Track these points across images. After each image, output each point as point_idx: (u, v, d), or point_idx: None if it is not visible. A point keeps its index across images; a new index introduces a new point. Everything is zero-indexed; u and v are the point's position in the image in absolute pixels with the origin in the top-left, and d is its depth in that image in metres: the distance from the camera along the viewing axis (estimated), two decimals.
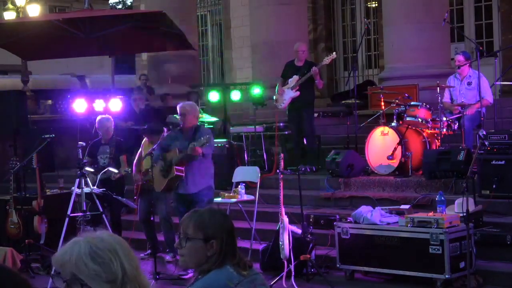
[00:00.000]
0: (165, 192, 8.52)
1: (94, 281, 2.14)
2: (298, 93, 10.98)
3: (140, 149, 9.38)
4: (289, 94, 11.07)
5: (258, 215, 9.10)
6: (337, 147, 10.82)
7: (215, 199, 9.01)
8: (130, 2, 26.59)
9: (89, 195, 8.97)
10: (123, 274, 2.17)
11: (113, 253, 2.18)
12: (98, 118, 10.16)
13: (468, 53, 10.55)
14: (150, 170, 8.73)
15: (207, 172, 8.25)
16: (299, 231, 8.02)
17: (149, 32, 10.96)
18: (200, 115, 10.27)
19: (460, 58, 9.92)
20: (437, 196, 7.83)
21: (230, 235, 3.08)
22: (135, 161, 9.41)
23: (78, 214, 9.16)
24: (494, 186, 8.33)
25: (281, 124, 11.96)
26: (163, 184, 8.30)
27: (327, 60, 11.20)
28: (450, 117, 9.67)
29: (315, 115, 11.92)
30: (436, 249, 7.10)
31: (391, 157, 9.65)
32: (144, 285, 2.25)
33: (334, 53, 11.57)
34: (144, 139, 9.44)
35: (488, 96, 9.78)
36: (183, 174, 8.12)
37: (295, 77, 11.04)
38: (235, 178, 9.64)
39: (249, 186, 9.48)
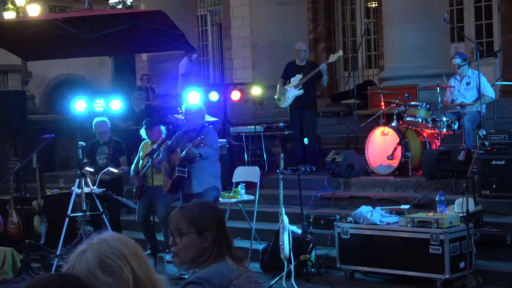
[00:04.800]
0: (171, 192, 8.55)
1: None
2: (302, 91, 10.96)
3: (138, 154, 9.38)
4: (293, 92, 11.03)
5: (258, 215, 9.10)
6: (337, 147, 10.82)
7: None
8: (130, 2, 26.55)
9: (89, 195, 8.97)
10: (134, 279, 2.17)
11: (121, 259, 2.17)
12: (94, 120, 10.19)
13: (464, 54, 10.56)
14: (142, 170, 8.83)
15: (211, 172, 8.25)
16: (299, 231, 8.02)
17: (149, 32, 10.96)
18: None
19: (456, 62, 9.96)
20: (437, 196, 7.82)
21: (221, 225, 3.13)
22: (133, 165, 9.39)
23: (78, 214, 9.17)
24: (494, 186, 8.33)
25: (281, 124, 11.96)
26: (168, 185, 8.35)
27: (333, 57, 11.16)
28: (450, 117, 9.67)
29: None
30: (436, 249, 7.10)
31: (391, 157, 9.65)
32: (156, 280, 2.25)
33: (340, 51, 11.55)
34: (143, 142, 9.44)
35: (490, 92, 9.78)
36: (185, 175, 8.14)
37: (298, 76, 11.01)
38: (235, 178, 9.64)
39: (249, 186, 9.48)
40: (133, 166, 9.38)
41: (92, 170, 9.45)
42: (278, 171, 8.09)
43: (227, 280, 2.98)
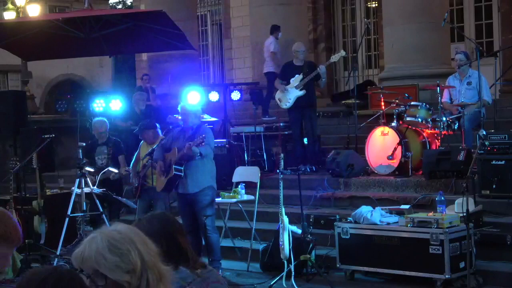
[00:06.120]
0: (165, 191, 8.51)
1: (114, 273, 2.18)
2: (303, 92, 10.92)
3: (138, 151, 9.37)
4: (294, 93, 10.97)
5: (258, 215, 9.09)
6: (337, 147, 10.82)
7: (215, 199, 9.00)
8: (130, 2, 26.59)
9: (89, 195, 8.97)
10: (142, 263, 2.21)
11: (130, 243, 2.23)
12: (93, 120, 10.18)
13: (467, 53, 10.56)
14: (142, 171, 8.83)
15: (208, 172, 8.20)
16: (299, 231, 8.02)
17: (149, 32, 10.96)
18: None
19: (460, 57, 9.92)
20: (437, 196, 7.82)
21: (171, 238, 3.11)
22: (132, 163, 9.38)
23: (78, 214, 9.16)
24: (494, 186, 8.33)
25: (281, 124, 11.96)
26: (162, 184, 8.29)
27: (335, 57, 11.14)
28: (450, 117, 9.67)
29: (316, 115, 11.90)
30: (436, 249, 7.10)
31: (391, 157, 9.65)
32: (163, 271, 2.28)
33: (342, 50, 11.52)
34: (142, 142, 9.44)
35: (487, 96, 9.78)
36: (182, 174, 8.10)
37: (298, 77, 10.98)
38: (235, 178, 9.63)
39: (249, 186, 9.48)
40: (132, 164, 9.35)
41: (92, 170, 9.45)
42: (278, 171, 8.09)
43: (178, 286, 2.98)
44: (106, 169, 9.52)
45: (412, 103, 9.97)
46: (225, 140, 11.55)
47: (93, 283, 2.20)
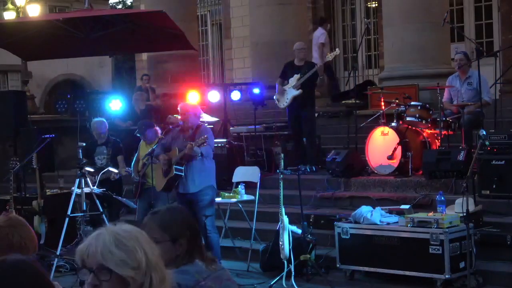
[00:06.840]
0: (165, 191, 8.51)
1: (120, 268, 2.20)
2: (300, 91, 10.93)
3: (138, 151, 9.37)
4: (291, 93, 11.00)
5: (258, 215, 9.10)
6: (337, 147, 10.82)
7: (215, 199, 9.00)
8: (130, 2, 26.59)
9: (89, 195, 8.97)
10: (147, 262, 2.23)
11: (136, 241, 2.25)
12: (92, 121, 10.18)
13: (467, 53, 10.55)
14: (142, 169, 8.83)
15: (208, 171, 8.20)
16: (299, 231, 8.02)
17: (149, 32, 10.96)
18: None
19: (460, 57, 9.92)
20: (437, 196, 7.83)
21: (194, 231, 3.11)
22: (133, 163, 9.38)
23: (78, 214, 9.16)
24: (494, 186, 8.33)
25: (281, 124, 11.96)
26: (162, 184, 8.29)
27: (330, 56, 11.18)
28: (450, 117, 9.67)
29: (315, 115, 11.90)
30: (436, 249, 7.10)
31: (391, 157, 9.65)
32: (165, 273, 2.31)
33: (337, 49, 11.53)
34: (141, 141, 9.43)
35: (487, 96, 9.78)
36: (182, 174, 8.10)
37: (296, 76, 10.99)
38: (235, 178, 9.64)
39: (249, 186, 9.47)
40: (132, 164, 9.34)
41: (92, 170, 9.45)
42: (278, 171, 8.09)
43: (194, 281, 2.97)
44: (106, 169, 9.52)
45: (412, 103, 9.97)
46: (225, 140, 11.55)
47: (96, 278, 2.20)
